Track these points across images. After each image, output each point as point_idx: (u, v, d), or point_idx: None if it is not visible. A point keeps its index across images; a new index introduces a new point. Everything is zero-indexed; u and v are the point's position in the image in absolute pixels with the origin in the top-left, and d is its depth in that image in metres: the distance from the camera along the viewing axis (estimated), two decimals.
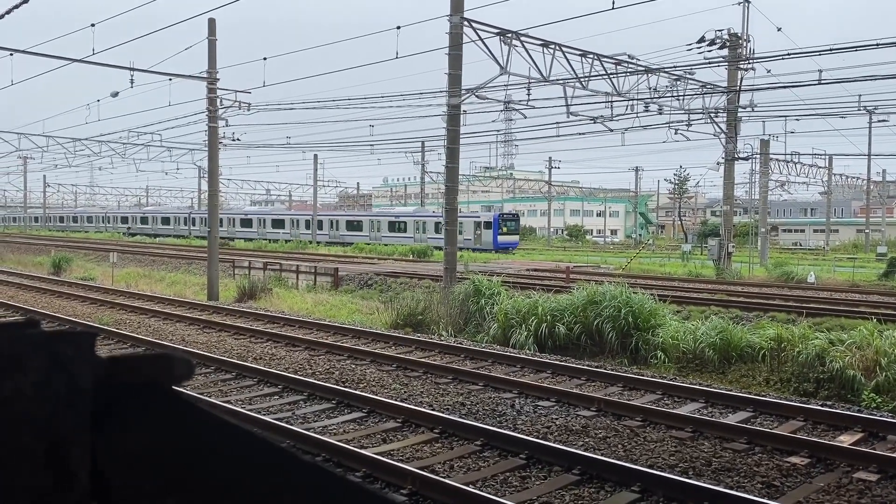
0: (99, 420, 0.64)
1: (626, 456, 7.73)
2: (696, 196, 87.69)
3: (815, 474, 7.23)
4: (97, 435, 0.64)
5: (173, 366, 0.67)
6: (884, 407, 11.49)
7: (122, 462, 0.64)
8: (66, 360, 0.63)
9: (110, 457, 0.64)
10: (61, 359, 0.63)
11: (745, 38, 29.24)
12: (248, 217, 71.17)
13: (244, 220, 71.01)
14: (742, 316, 18.58)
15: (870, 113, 40.86)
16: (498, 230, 50.93)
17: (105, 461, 0.64)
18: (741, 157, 33.82)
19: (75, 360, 0.63)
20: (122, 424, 0.65)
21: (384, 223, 58.47)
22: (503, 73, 22.46)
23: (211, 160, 25.64)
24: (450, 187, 21.91)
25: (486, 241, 50.53)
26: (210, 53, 24.39)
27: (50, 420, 0.61)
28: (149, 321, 17.98)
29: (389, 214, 62.19)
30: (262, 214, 71.99)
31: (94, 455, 0.63)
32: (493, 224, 50.99)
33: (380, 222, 59.01)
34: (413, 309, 18.89)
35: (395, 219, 59.08)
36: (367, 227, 59.74)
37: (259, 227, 68.32)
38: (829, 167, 55.74)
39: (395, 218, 59.37)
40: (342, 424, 8.91)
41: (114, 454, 0.64)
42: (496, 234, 50.77)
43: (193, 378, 8.10)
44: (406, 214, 60.18)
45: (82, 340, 0.65)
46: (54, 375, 0.62)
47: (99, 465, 0.63)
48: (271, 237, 64.33)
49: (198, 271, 33.65)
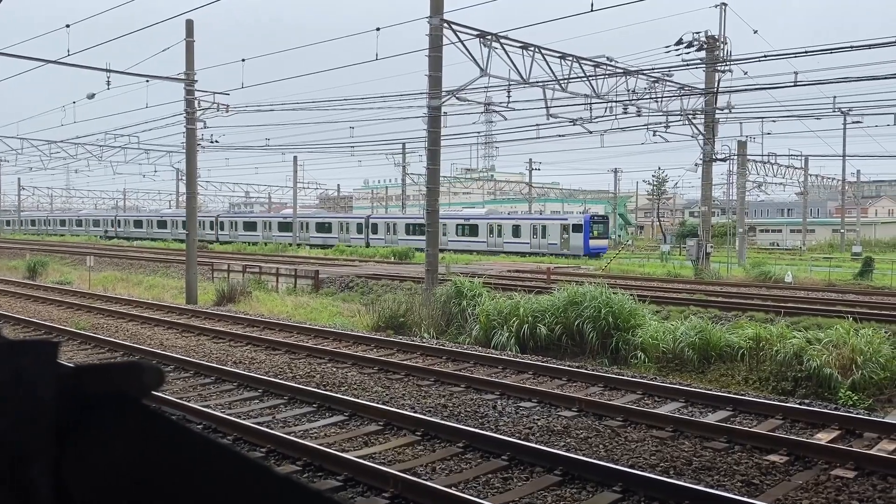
0: (63, 434, 0.61)
1: (608, 456, 7.75)
2: (675, 197, 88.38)
3: (794, 472, 7.30)
4: (61, 450, 0.61)
5: (143, 375, 0.64)
6: (860, 405, 11.64)
7: (87, 478, 0.61)
8: (27, 372, 0.60)
9: (75, 473, 0.61)
10: (21, 370, 0.60)
11: (722, 40, 29.56)
12: (286, 220, 65.87)
13: (282, 223, 65.82)
14: (721, 316, 18.73)
15: (844, 114, 41.38)
16: (589, 234, 46.95)
17: (70, 478, 0.61)
18: (719, 159, 34.16)
19: (37, 371, 0.61)
20: (88, 438, 0.62)
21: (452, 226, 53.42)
22: (483, 75, 22.51)
23: (189, 162, 25.42)
24: (431, 189, 21.90)
25: (574, 245, 46.85)
26: (188, 55, 24.20)
27: (9, 436, 0.59)
28: (126, 325, 17.77)
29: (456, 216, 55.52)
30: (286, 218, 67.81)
31: (57, 471, 0.61)
32: (585, 227, 47.00)
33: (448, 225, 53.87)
34: (395, 311, 18.86)
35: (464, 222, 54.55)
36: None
37: (264, 229, 65.28)
38: (805, 168, 56.44)
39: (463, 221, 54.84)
40: (323, 428, 8.86)
41: (79, 470, 0.61)
42: (587, 237, 46.78)
43: (172, 383, 7.98)
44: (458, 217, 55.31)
45: (44, 350, 0.62)
46: (13, 388, 0.59)
47: (63, 482, 0.61)
48: (275, 239, 61.97)
49: (176, 274, 33.34)
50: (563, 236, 47.63)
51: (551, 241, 47.35)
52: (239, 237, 65.81)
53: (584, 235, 46.76)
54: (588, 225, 47.25)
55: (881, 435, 8.49)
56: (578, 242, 46.84)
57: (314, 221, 64.13)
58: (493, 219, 52.86)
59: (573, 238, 47.24)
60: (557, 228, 48.12)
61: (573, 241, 47.12)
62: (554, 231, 48.00)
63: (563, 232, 47.77)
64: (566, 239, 47.45)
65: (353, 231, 58.99)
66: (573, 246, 46.90)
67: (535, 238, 48.54)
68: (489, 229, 51.25)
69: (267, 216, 70.85)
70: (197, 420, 8.88)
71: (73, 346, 14.50)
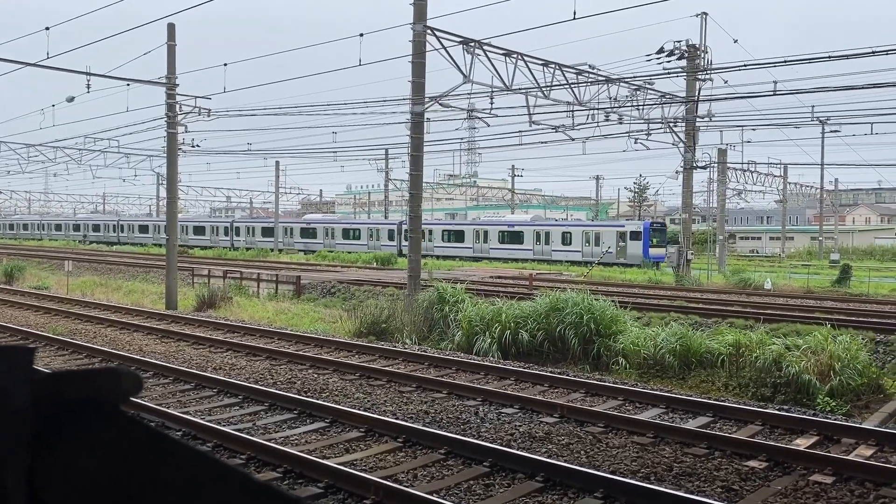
0: (39, 441, 0.60)
1: (589, 462, 7.77)
2: (656, 204, 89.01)
3: (773, 478, 7.35)
4: (36, 457, 0.60)
5: (121, 381, 0.63)
6: (838, 410, 11.76)
7: (63, 486, 0.60)
8: (1, 378, 0.59)
9: (50, 480, 0.60)
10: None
11: (702, 49, 29.86)
12: (310, 226, 62.13)
13: (305, 229, 61.94)
14: (701, 322, 18.87)
15: (822, 123, 41.96)
16: (649, 241, 44.33)
17: (44, 485, 0.60)
18: (699, 166, 34.47)
19: (11, 376, 0.59)
20: (64, 445, 0.61)
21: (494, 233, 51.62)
22: (466, 82, 22.58)
23: (170, 167, 25.22)
24: (414, 195, 21.90)
25: (632, 253, 44.09)
26: (169, 58, 24.03)
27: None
28: (105, 331, 17.57)
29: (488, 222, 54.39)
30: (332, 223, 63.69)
31: (31, 479, 0.59)
32: (644, 234, 44.37)
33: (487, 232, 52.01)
34: (377, 317, 18.80)
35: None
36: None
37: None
38: (784, 176, 57.11)
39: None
40: (304, 434, 8.80)
41: (54, 477, 0.60)
42: (647, 245, 44.12)
43: (151, 389, 7.89)
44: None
45: (19, 356, 0.61)
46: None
47: (37, 490, 0.60)
48: (295, 245, 59.06)
49: (156, 280, 33.03)
50: (620, 244, 44.99)
51: (606, 250, 44.51)
52: (257, 243, 62.36)
53: (643, 243, 44.25)
54: (647, 232, 44.65)
55: (858, 441, 8.58)
56: (637, 251, 44.18)
57: (339, 228, 60.52)
58: (541, 225, 50.01)
59: (631, 246, 44.55)
60: (613, 236, 45.42)
61: (631, 250, 44.41)
62: (609, 238, 45.34)
63: (619, 239, 45.18)
64: (623, 247, 44.78)
65: (384, 238, 55.88)
66: (631, 254, 44.17)
67: (588, 246, 45.89)
68: (535, 237, 48.49)
69: (289, 221, 67.01)
70: (176, 427, 8.79)
71: (49, 352, 14.31)
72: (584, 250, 45.96)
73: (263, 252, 56.89)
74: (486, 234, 50.86)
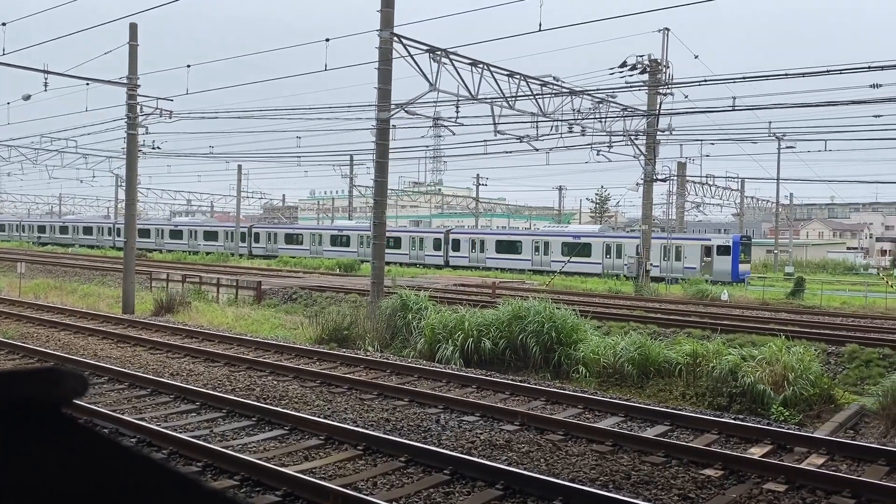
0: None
1: (549, 470, 7.81)
2: (617, 215, 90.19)
3: (728, 486, 7.47)
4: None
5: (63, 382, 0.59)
6: (791, 420, 12.02)
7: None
8: None
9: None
10: None
11: (664, 64, 30.39)
12: (342, 233, 57.05)
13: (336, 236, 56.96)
14: (659, 332, 19.13)
15: (779, 139, 43.07)
16: (738, 256, 41.32)
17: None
18: (659, 179, 35.05)
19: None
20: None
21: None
22: (432, 90, 22.61)
23: (129, 168, 24.77)
24: (378, 201, 21.83)
25: (719, 269, 40.88)
26: (131, 59, 23.64)
27: None
28: (58, 334, 17.14)
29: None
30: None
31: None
32: (734, 249, 41.21)
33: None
34: (339, 324, 18.65)
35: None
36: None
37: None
38: (741, 190, 58.44)
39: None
40: (263, 442, 8.69)
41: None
42: (736, 261, 41.09)
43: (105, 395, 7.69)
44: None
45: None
46: None
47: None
48: (325, 254, 54.04)
49: (112, 283, 32.34)
50: (705, 259, 41.86)
51: (688, 265, 41.61)
52: (279, 250, 58.02)
53: (732, 259, 41.08)
54: (737, 247, 41.42)
55: (811, 449, 8.78)
56: (725, 266, 40.99)
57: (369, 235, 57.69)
58: (611, 237, 46.34)
59: (718, 261, 41.36)
60: (697, 250, 42.28)
61: (718, 265, 41.21)
62: (693, 253, 42.24)
63: (704, 254, 42.04)
64: (708, 262, 41.65)
65: (429, 247, 52.20)
66: (718, 270, 40.86)
67: (666, 260, 42.44)
68: (605, 249, 45.09)
69: (321, 228, 62.53)
70: (131, 433, 8.60)
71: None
72: (663, 265, 42.16)
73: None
74: (548, 246, 47.45)
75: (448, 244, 51.21)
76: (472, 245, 50.60)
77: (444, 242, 51.51)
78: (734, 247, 41.08)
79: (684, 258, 42.23)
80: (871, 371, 15.45)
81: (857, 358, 16.10)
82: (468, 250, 50.50)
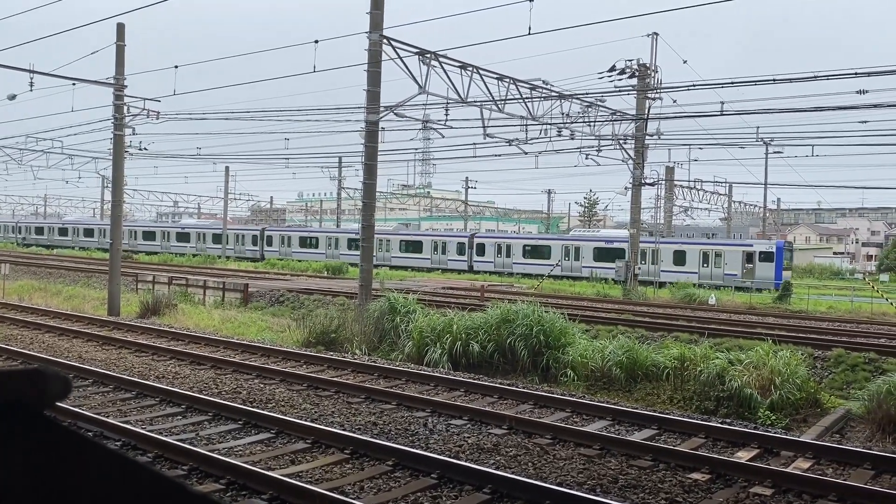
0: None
1: (536, 474, 7.79)
2: (605, 219, 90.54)
3: (715, 490, 7.48)
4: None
5: (46, 384, 0.58)
6: (778, 424, 12.06)
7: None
8: None
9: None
10: None
11: (653, 68, 30.55)
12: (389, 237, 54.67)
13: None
14: (647, 336, 19.18)
15: (766, 144, 43.31)
16: (783, 263, 39.95)
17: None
18: (648, 183, 35.20)
19: None
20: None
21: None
22: (422, 93, 22.59)
23: (116, 169, 24.61)
24: (367, 203, 21.79)
25: (762, 276, 39.51)
26: (118, 59, 23.50)
27: None
28: (43, 337, 16.97)
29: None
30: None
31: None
32: (777, 255, 39.86)
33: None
34: (326, 327, 18.57)
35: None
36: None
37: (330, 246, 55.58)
38: (729, 194, 58.73)
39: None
40: (249, 446, 8.62)
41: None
42: (780, 267, 39.67)
43: (90, 397, 7.61)
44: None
45: None
46: None
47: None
48: (341, 257, 51.93)
49: (98, 285, 32.11)
50: (747, 265, 40.51)
51: (728, 272, 40.47)
52: (293, 254, 56.37)
53: (776, 265, 39.69)
54: (781, 253, 40.17)
55: (797, 454, 8.80)
56: (768, 273, 39.54)
57: (397, 239, 53.87)
58: (648, 243, 44.33)
59: (760, 268, 39.99)
60: (738, 256, 40.94)
61: (760, 272, 39.79)
62: (734, 259, 40.92)
63: (745, 260, 40.68)
64: (750, 269, 40.32)
65: (452, 251, 50.89)
66: (760, 277, 39.53)
67: (707, 267, 41.58)
68: (640, 255, 42.10)
69: (331, 231, 60.61)
70: (116, 436, 8.51)
71: None
72: (702, 271, 41.49)
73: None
74: (579, 251, 45.95)
75: (472, 248, 49.91)
76: (497, 249, 49.21)
77: (469, 247, 50.13)
78: (778, 253, 40.05)
79: (724, 265, 40.98)
80: (856, 375, 15.56)
81: (843, 362, 16.20)
82: (494, 255, 49.09)
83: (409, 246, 52.70)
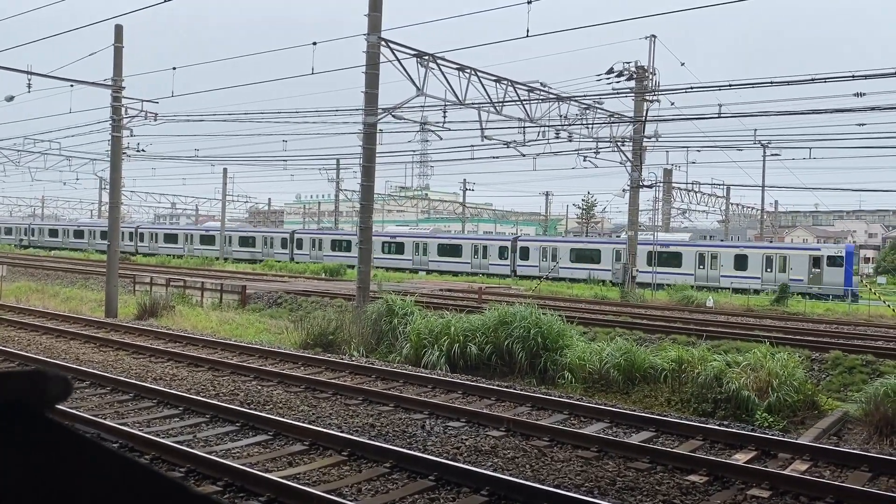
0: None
1: (534, 476, 7.79)
2: (603, 221, 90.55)
3: (713, 492, 7.49)
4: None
5: (46, 385, 0.58)
6: (775, 426, 12.08)
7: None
8: None
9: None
10: None
11: (651, 71, 30.57)
12: (420, 239, 53.39)
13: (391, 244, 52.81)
14: (645, 338, 19.19)
15: (764, 147, 43.37)
16: (852, 268, 38.82)
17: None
18: (646, 185, 35.24)
19: None
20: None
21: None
22: (420, 95, 22.60)
23: (113, 171, 24.60)
24: (365, 206, 21.78)
25: (830, 281, 38.29)
26: (116, 60, 23.49)
27: None
28: (40, 338, 16.95)
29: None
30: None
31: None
32: (847, 260, 38.58)
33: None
34: (324, 328, 18.56)
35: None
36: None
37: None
38: (727, 197, 58.81)
39: None
40: (246, 447, 8.61)
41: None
42: (850, 272, 38.43)
43: (87, 399, 7.62)
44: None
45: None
46: None
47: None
48: (383, 262, 49.53)
49: (96, 286, 32.08)
50: (814, 270, 39.14)
51: (794, 276, 38.83)
52: (324, 258, 54.28)
53: (845, 270, 38.37)
54: (850, 257, 38.98)
55: (794, 456, 8.81)
56: (837, 279, 38.24)
57: (435, 243, 51.82)
58: (707, 246, 43.53)
59: (829, 273, 38.64)
60: (804, 260, 39.53)
61: (828, 277, 38.51)
62: (799, 263, 39.52)
63: (812, 265, 39.31)
64: (817, 273, 38.97)
65: (494, 255, 49.36)
66: (829, 282, 38.36)
67: (770, 271, 40.15)
68: (698, 259, 42.28)
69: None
70: (113, 438, 8.50)
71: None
72: (765, 276, 40.16)
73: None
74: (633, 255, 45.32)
75: (515, 252, 48.41)
76: (542, 253, 47.53)
77: (511, 251, 48.65)
78: (847, 257, 38.82)
79: (789, 269, 39.61)
80: (854, 377, 15.58)
81: (841, 364, 16.23)
82: (538, 259, 47.33)
83: (448, 249, 50.96)
